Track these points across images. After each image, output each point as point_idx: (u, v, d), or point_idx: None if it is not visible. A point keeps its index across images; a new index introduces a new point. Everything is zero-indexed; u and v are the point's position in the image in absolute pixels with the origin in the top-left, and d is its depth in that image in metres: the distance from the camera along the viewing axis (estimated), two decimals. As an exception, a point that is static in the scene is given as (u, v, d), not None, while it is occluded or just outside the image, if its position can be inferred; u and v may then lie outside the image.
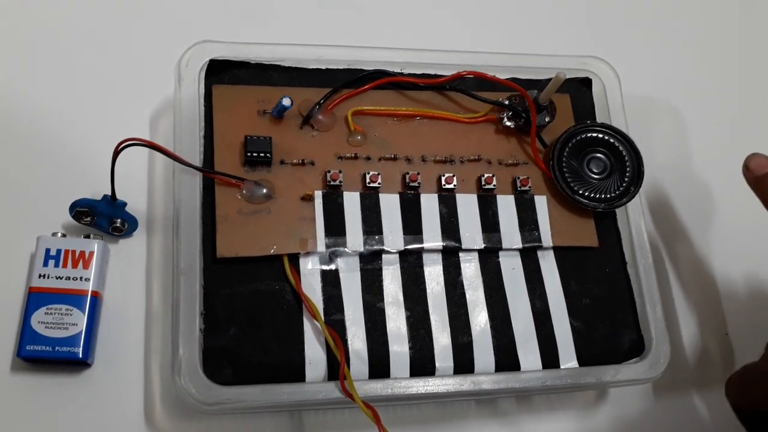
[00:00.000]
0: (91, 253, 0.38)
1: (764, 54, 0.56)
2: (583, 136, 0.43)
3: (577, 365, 0.40)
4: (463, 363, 0.38)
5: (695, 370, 0.45)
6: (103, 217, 0.39)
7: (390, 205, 0.40)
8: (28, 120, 0.43)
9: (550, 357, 0.40)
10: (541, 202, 0.43)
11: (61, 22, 0.46)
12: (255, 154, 0.39)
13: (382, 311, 0.39)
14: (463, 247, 0.40)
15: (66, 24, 0.46)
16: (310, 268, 0.39)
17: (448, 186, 0.41)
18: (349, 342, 0.37)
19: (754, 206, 0.41)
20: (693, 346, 0.45)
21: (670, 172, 0.50)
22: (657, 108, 0.52)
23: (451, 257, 0.41)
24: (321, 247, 0.39)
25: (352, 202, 0.40)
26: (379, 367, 0.37)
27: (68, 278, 0.37)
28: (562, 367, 0.40)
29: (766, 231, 0.49)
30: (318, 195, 0.39)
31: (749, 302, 0.47)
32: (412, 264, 0.40)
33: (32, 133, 0.43)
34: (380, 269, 0.39)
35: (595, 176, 0.43)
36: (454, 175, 0.41)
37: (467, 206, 0.41)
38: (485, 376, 0.38)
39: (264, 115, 0.41)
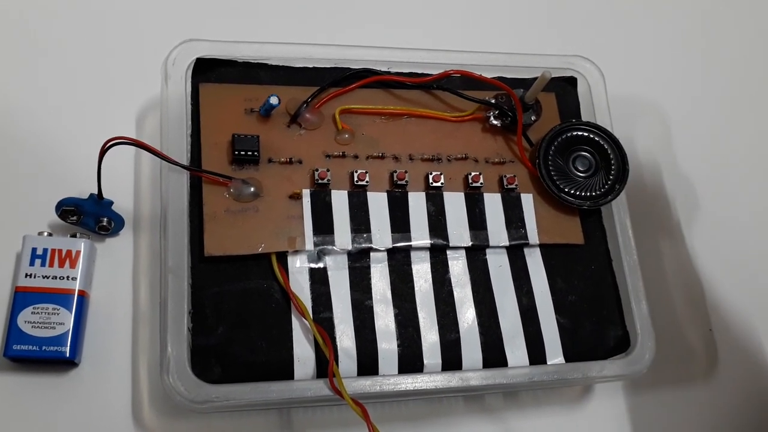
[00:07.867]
0: (78, 252, 0.38)
1: (748, 52, 0.57)
2: (569, 134, 0.44)
3: (564, 361, 0.40)
4: (451, 360, 0.39)
5: (680, 366, 0.45)
6: (90, 216, 0.39)
7: (378, 203, 0.41)
8: (13, 119, 0.42)
9: (536, 353, 0.40)
10: (528, 200, 0.43)
11: (46, 21, 0.46)
12: (242, 153, 0.39)
13: (371, 309, 0.39)
14: (451, 244, 0.41)
15: (51, 23, 0.46)
16: (299, 267, 0.39)
17: (435, 184, 0.41)
18: (337, 339, 0.38)
19: (737, 203, 0.41)
20: (678, 341, 0.46)
21: (655, 169, 0.50)
22: (641, 106, 0.53)
23: (438, 255, 0.41)
24: (309, 245, 0.39)
25: (340, 200, 0.40)
26: (368, 365, 0.38)
27: (55, 277, 0.37)
28: (548, 363, 0.40)
29: (749, 227, 0.50)
30: (306, 193, 0.40)
31: (733, 298, 0.48)
32: (400, 262, 0.40)
33: (17, 131, 0.42)
34: (368, 267, 0.40)
35: (581, 174, 0.44)
36: (441, 174, 0.41)
37: (454, 204, 0.42)
38: (473, 373, 0.38)
39: (251, 114, 0.41)
